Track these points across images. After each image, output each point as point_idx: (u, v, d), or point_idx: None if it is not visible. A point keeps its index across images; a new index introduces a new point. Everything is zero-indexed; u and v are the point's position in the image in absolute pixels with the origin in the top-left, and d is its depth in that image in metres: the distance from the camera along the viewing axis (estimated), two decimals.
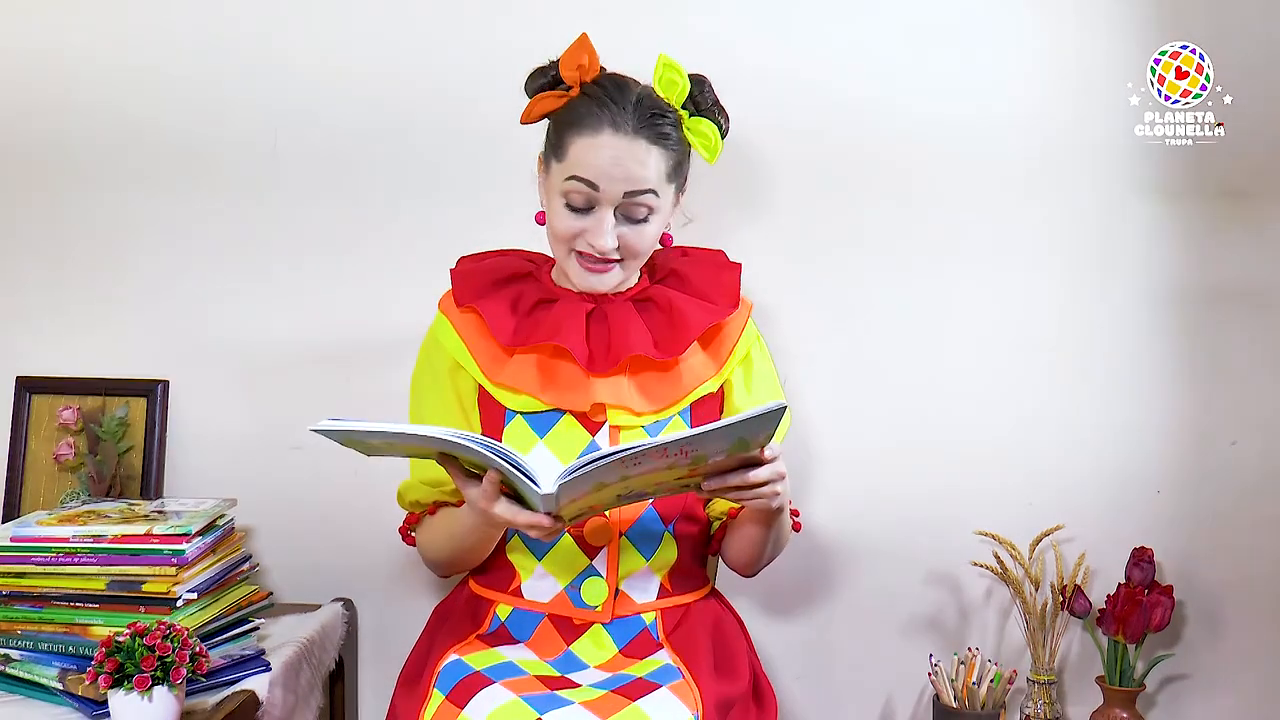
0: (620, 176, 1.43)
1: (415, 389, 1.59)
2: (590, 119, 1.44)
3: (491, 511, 1.33)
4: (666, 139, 1.46)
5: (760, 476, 1.32)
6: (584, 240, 1.47)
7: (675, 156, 1.48)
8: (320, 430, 1.29)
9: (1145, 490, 1.93)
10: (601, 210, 1.45)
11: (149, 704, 1.40)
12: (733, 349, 1.55)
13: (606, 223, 1.45)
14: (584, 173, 1.43)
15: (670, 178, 1.48)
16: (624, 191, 1.44)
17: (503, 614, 1.53)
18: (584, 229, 1.46)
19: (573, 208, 1.46)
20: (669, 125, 1.46)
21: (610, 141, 1.43)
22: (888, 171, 1.92)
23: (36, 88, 1.99)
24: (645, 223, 1.47)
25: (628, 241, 1.47)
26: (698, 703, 1.38)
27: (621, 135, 1.43)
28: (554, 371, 1.50)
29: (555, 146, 1.48)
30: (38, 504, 1.97)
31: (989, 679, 1.82)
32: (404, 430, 1.29)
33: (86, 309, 2.01)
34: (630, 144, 1.43)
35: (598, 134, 1.43)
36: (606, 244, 1.45)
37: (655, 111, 1.45)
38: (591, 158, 1.43)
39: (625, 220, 1.46)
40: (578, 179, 1.44)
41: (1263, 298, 1.90)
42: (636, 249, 1.48)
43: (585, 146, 1.43)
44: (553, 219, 1.48)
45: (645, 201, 1.45)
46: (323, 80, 1.95)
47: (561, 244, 1.49)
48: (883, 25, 1.90)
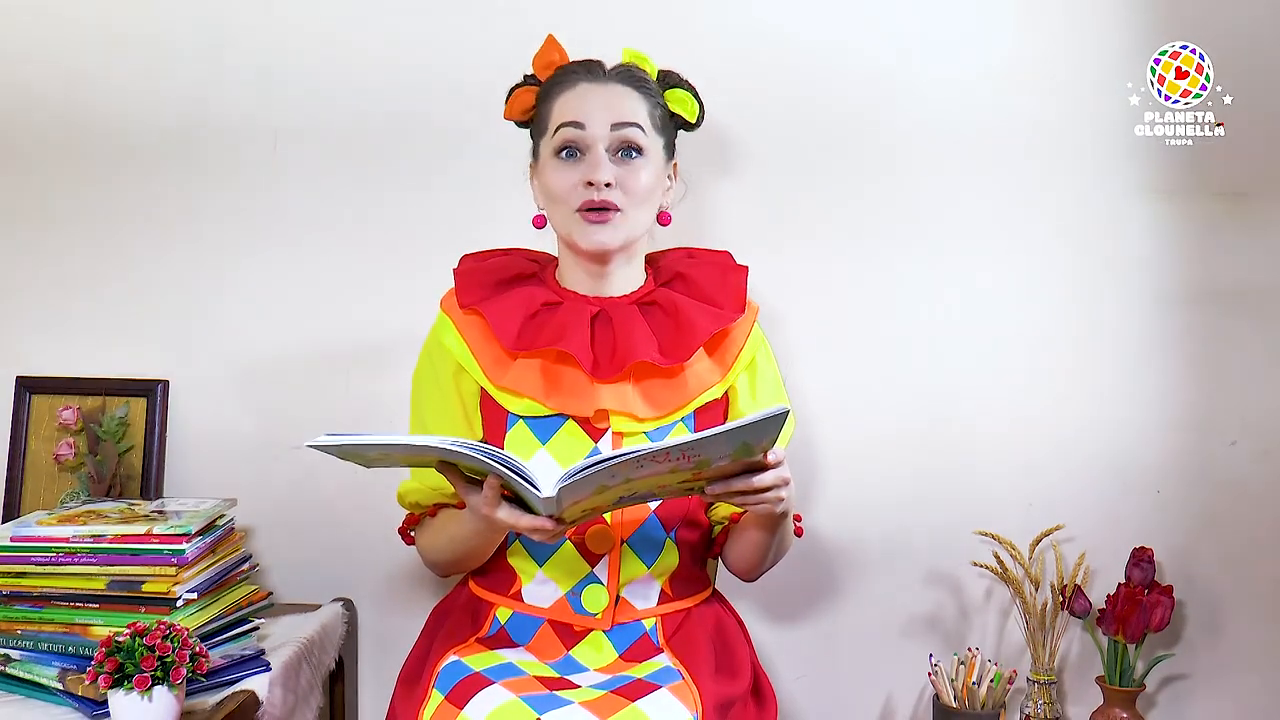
0: (602, 111, 1.49)
1: (416, 390, 1.59)
2: (567, 79, 1.52)
3: (493, 517, 1.33)
4: (643, 85, 1.53)
5: (764, 481, 1.32)
6: (581, 185, 1.48)
7: (653, 104, 1.53)
8: (317, 446, 1.28)
9: (1145, 490, 1.93)
10: (593, 149, 1.48)
11: (149, 704, 1.40)
12: (738, 354, 1.55)
13: (601, 157, 1.48)
14: (568, 116, 1.49)
15: (654, 124, 1.52)
16: (610, 123, 1.48)
17: (502, 617, 1.53)
18: (579, 174, 1.48)
19: (566, 156, 1.49)
20: (643, 76, 1.54)
21: (588, 88, 1.50)
22: (887, 174, 1.92)
23: (36, 88, 1.99)
24: (638, 160, 1.50)
25: (623, 181, 1.48)
26: (697, 703, 1.38)
27: (598, 82, 1.51)
28: (558, 376, 1.49)
29: (540, 126, 1.53)
30: (38, 504, 1.97)
31: (989, 679, 1.82)
32: (402, 441, 1.29)
33: (86, 309, 2.01)
34: (607, 87, 1.51)
35: (575, 86, 1.51)
36: (602, 175, 1.47)
37: (629, 66, 1.54)
38: (574, 105, 1.49)
39: (618, 160, 1.49)
40: (564, 124, 1.49)
41: (1263, 298, 1.90)
42: (633, 189, 1.49)
43: (566, 100, 1.50)
44: (549, 182, 1.51)
45: (633, 137, 1.49)
46: (323, 79, 1.95)
47: (562, 201, 1.49)
48: (881, 26, 1.90)
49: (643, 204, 1.50)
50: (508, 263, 1.59)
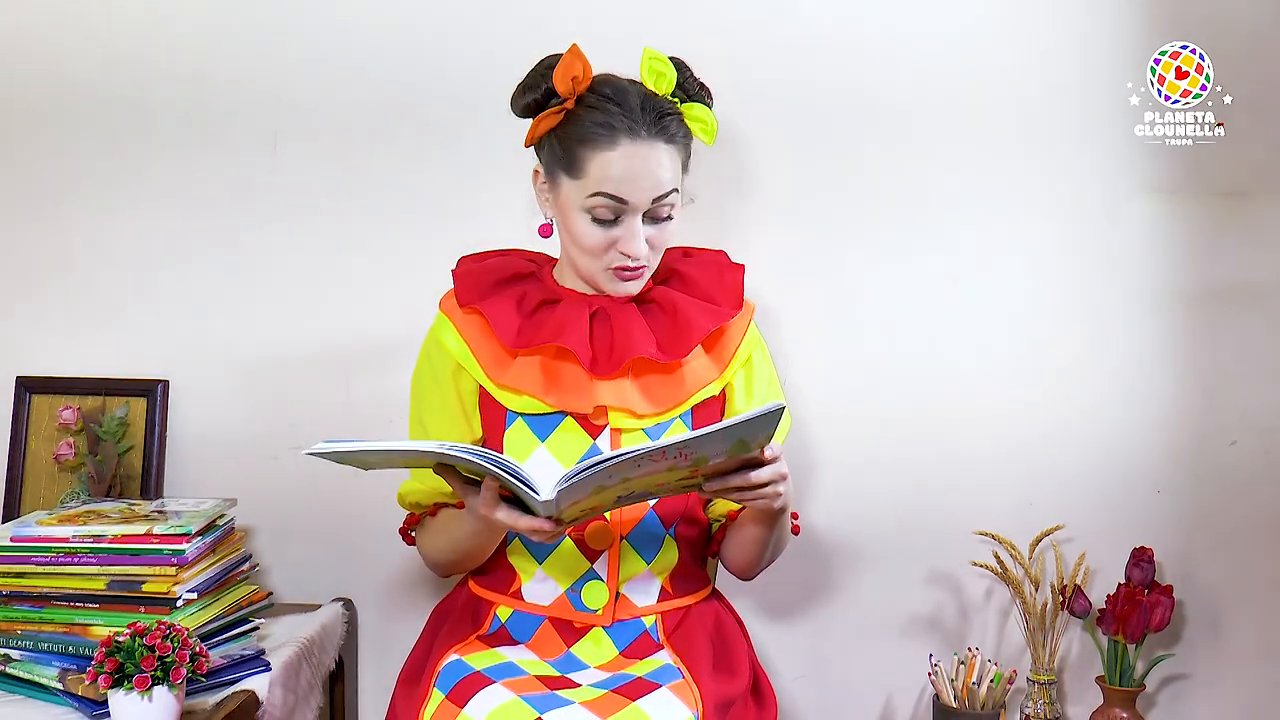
0: (647, 186, 1.43)
1: (416, 389, 1.59)
2: (603, 132, 1.43)
3: (492, 518, 1.33)
4: (676, 136, 1.47)
5: (762, 477, 1.32)
6: (616, 250, 1.47)
7: (685, 151, 1.50)
8: (316, 453, 1.28)
9: (1145, 490, 1.93)
10: (630, 218, 1.45)
11: (149, 704, 1.40)
12: (735, 351, 1.55)
13: (638, 230, 1.46)
14: (609, 188, 1.43)
15: (683, 170, 1.50)
16: (651, 199, 1.45)
17: (503, 615, 1.53)
18: (615, 239, 1.46)
19: (600, 221, 1.46)
20: (675, 122, 1.47)
21: (629, 151, 1.42)
22: (887, 174, 1.92)
23: (34, 92, 1.99)
24: (669, 220, 1.48)
25: (654, 242, 1.48)
26: (698, 702, 1.38)
27: (638, 142, 1.43)
28: (557, 373, 1.50)
29: (567, 163, 1.46)
30: (38, 504, 1.97)
31: (989, 679, 1.82)
32: (400, 447, 1.30)
33: (86, 309, 2.01)
34: (649, 150, 1.43)
35: (614, 146, 1.42)
36: (640, 250, 1.46)
37: (661, 112, 1.45)
38: (614, 172, 1.42)
39: (651, 222, 1.47)
40: (604, 195, 1.43)
41: (1263, 297, 1.90)
42: (662, 245, 1.50)
43: (605, 161, 1.43)
44: (578, 235, 1.47)
45: (670, 202, 1.47)
46: (323, 78, 1.95)
47: (592, 258, 1.48)
48: (880, 29, 1.90)
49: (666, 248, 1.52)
50: (506, 263, 1.59)
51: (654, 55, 1.49)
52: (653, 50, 1.49)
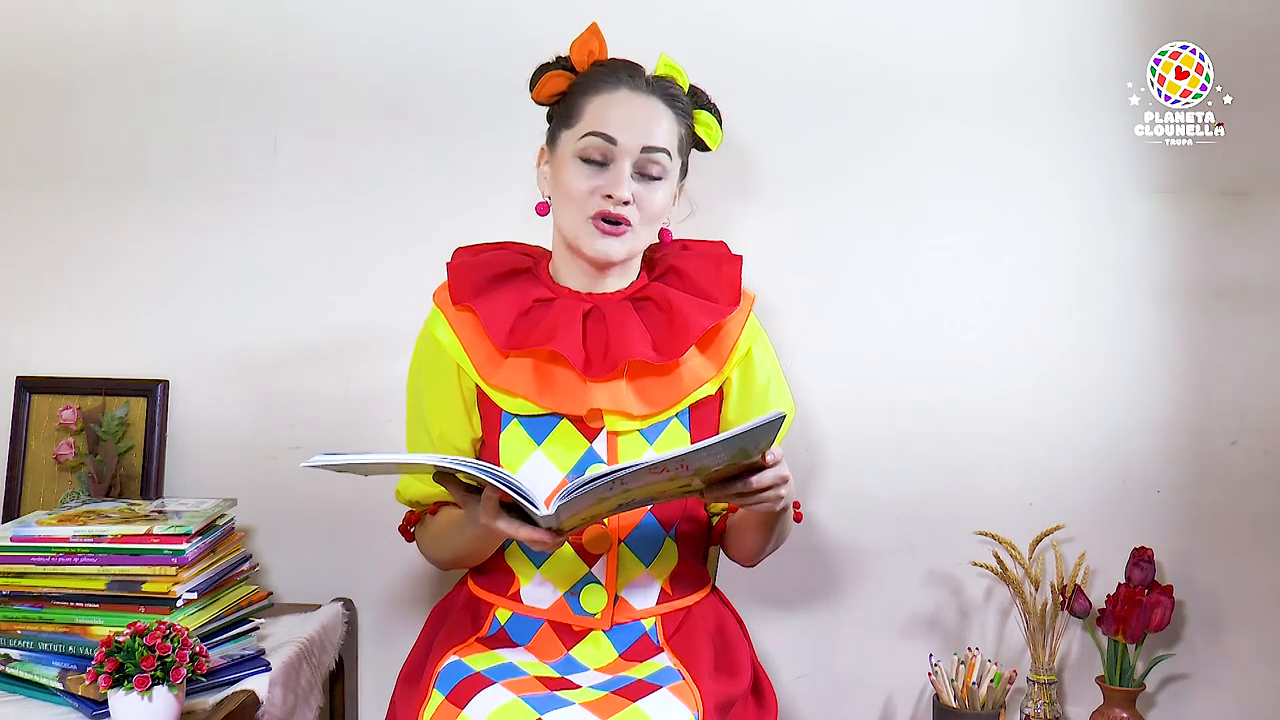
0: (638, 128, 1.47)
1: (413, 384, 1.58)
2: (607, 80, 1.49)
3: (493, 526, 1.34)
4: (678, 103, 1.51)
5: (764, 481, 1.32)
6: (599, 195, 1.47)
7: (683, 126, 1.52)
8: (315, 465, 1.28)
9: (1145, 490, 1.93)
10: (618, 163, 1.47)
11: (149, 704, 1.40)
12: (733, 347, 1.54)
13: (624, 174, 1.47)
14: (602, 127, 1.47)
15: (679, 148, 1.51)
16: (641, 145, 1.47)
17: (502, 618, 1.52)
18: (600, 184, 1.47)
19: (589, 162, 1.47)
20: (679, 93, 1.52)
21: (627, 97, 1.48)
22: (887, 174, 1.92)
23: (30, 99, 1.99)
24: (657, 182, 1.49)
25: (640, 199, 1.48)
26: (698, 703, 1.38)
27: (638, 92, 1.49)
28: (550, 376, 1.49)
29: (566, 116, 1.50)
30: (38, 504, 1.97)
31: (989, 679, 1.82)
32: (398, 459, 1.31)
33: (86, 309, 2.01)
34: (646, 100, 1.49)
35: (615, 90, 1.48)
36: (623, 192, 1.46)
37: (667, 81, 1.52)
38: (609, 112, 1.47)
39: (639, 178, 1.48)
40: (595, 134, 1.47)
41: (1263, 297, 1.90)
42: (648, 209, 1.49)
43: (603, 103, 1.48)
44: (568, 182, 1.48)
45: (659, 160, 1.48)
46: (322, 75, 1.95)
47: (576, 204, 1.48)
48: (879, 29, 1.90)
49: (652, 222, 1.51)
50: (501, 257, 1.57)
51: (670, 64, 1.54)
52: (668, 58, 1.54)
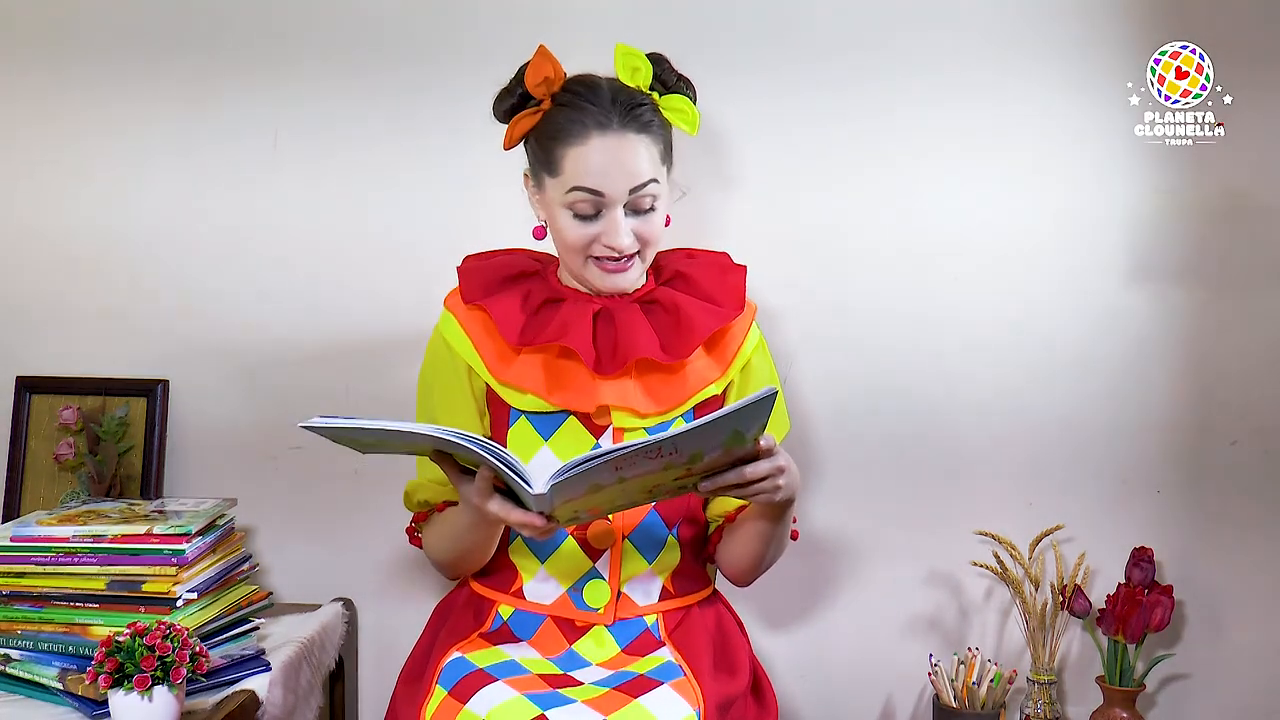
0: (620, 176, 1.44)
1: (424, 387, 1.59)
2: (575, 127, 1.44)
3: (484, 507, 1.33)
4: (650, 125, 1.47)
5: (759, 470, 1.32)
6: (600, 244, 1.47)
7: (662, 141, 1.49)
8: (311, 427, 1.28)
9: (1145, 490, 1.93)
10: (611, 211, 1.46)
11: (149, 704, 1.40)
12: (737, 352, 1.56)
13: (620, 222, 1.46)
14: (585, 182, 1.44)
15: (663, 161, 1.50)
16: (628, 189, 1.45)
17: (505, 614, 1.53)
18: (598, 233, 1.47)
19: (581, 216, 1.46)
20: (649, 112, 1.47)
21: (600, 144, 1.44)
22: (886, 170, 1.92)
23: (34, 92, 1.99)
24: (653, 211, 1.48)
25: (641, 234, 1.48)
26: (699, 700, 1.38)
27: (609, 134, 1.44)
28: (560, 372, 1.50)
29: (545, 162, 1.48)
30: (38, 504, 1.97)
31: (989, 679, 1.82)
32: (396, 427, 1.29)
33: (86, 309, 2.01)
34: (619, 140, 1.44)
35: (586, 140, 1.44)
36: (624, 242, 1.46)
37: (633, 103, 1.46)
38: (587, 165, 1.44)
39: (634, 214, 1.47)
40: (580, 189, 1.44)
41: (1263, 297, 1.90)
42: (651, 238, 1.49)
43: (578, 155, 1.44)
44: (563, 231, 1.48)
45: (649, 192, 1.46)
46: (322, 74, 1.95)
47: (577, 253, 1.49)
48: (877, 27, 1.90)
49: (656, 243, 1.51)
50: (511, 261, 1.59)
51: (626, 50, 1.49)
52: (625, 46, 1.49)
